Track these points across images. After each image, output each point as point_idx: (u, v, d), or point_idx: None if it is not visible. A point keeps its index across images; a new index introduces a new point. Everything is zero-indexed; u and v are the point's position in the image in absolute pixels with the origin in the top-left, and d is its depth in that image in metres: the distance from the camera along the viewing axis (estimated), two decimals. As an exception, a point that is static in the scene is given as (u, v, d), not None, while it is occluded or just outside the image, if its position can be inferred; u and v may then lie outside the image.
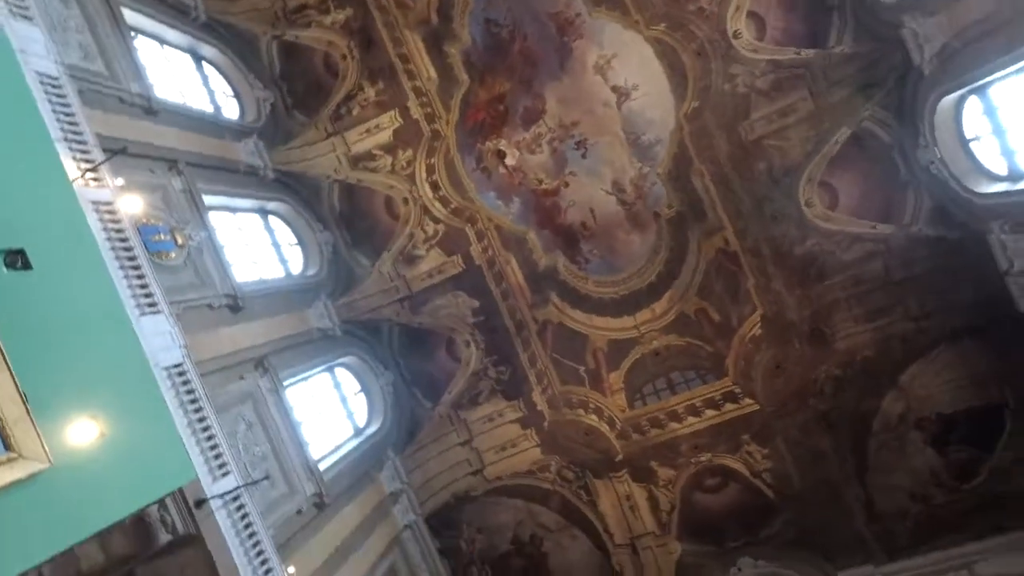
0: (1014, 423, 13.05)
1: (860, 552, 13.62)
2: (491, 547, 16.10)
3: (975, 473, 13.41)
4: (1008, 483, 13.04)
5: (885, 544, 13.59)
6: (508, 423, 15.86)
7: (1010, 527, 12.56)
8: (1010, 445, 13.07)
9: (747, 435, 14.84)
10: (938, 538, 13.19)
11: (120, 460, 6.02)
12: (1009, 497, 12.93)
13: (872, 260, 13.52)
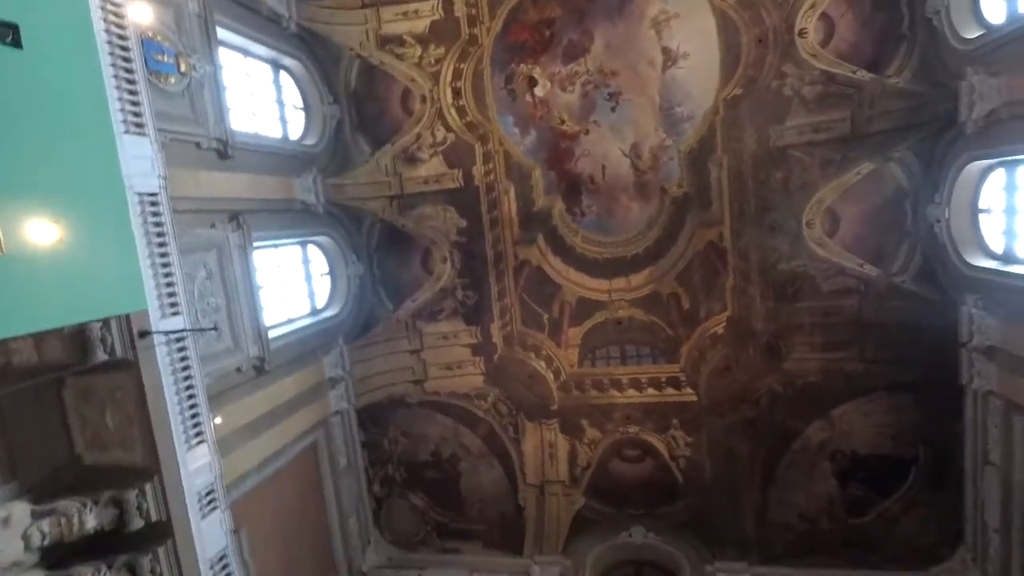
0: (916, 479, 13.94)
1: (740, 550, 14.67)
2: (411, 453, 16.77)
3: (865, 512, 14.41)
4: (890, 530, 14.08)
5: (763, 549, 14.65)
6: (460, 346, 16.15)
7: (876, 566, 13.66)
8: (904, 497, 14.02)
9: (677, 421, 15.50)
10: (810, 556, 14.27)
11: (73, 271, 5.93)
12: (886, 542, 14.00)
13: (848, 296, 13.80)
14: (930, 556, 13.41)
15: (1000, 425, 11.60)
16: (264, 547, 11.88)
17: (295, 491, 13.47)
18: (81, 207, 6.09)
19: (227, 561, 9.11)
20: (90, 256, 6.20)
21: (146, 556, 8.29)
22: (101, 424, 8.51)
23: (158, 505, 8.22)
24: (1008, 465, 11.44)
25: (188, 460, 8.50)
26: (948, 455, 13.17)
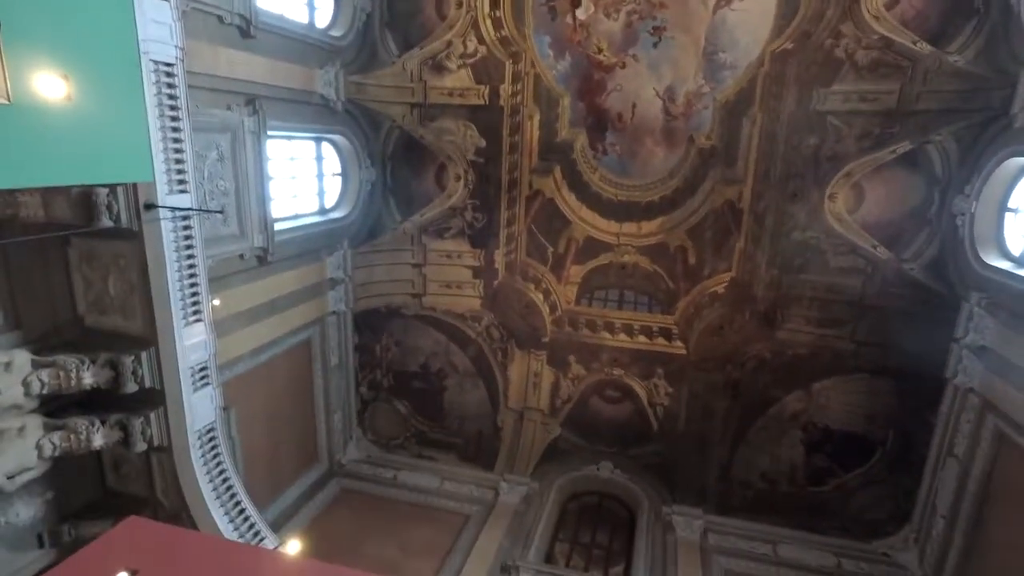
0: (879, 460, 14.43)
1: (698, 498, 15.40)
2: (401, 362, 17.28)
3: (823, 482, 15.02)
4: (844, 502, 14.73)
5: (721, 501, 15.38)
6: (462, 267, 16.24)
7: (823, 532, 14.39)
8: (864, 474, 14.57)
9: (662, 370, 15.84)
10: (764, 514, 15.00)
11: (80, 130, 5.86)
12: (838, 512, 14.68)
13: (854, 276, 13.71)
14: (875, 530, 14.11)
15: (972, 422, 11.85)
16: (251, 428, 12.50)
17: (285, 381, 13.99)
18: (92, 66, 5.93)
19: (214, 435, 9.60)
20: (99, 118, 6.10)
21: (138, 418, 8.74)
22: (103, 289, 8.72)
23: (152, 373, 8.57)
24: (970, 460, 11.79)
25: (184, 335, 8.77)
26: (914, 442, 13.56)
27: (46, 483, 8.99)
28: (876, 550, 13.81)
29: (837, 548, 13.93)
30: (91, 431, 8.32)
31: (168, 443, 8.96)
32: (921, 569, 12.95)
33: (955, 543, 12.05)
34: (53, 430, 8.12)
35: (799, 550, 13.94)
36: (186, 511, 9.24)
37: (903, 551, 13.52)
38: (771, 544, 14.16)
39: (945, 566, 12.25)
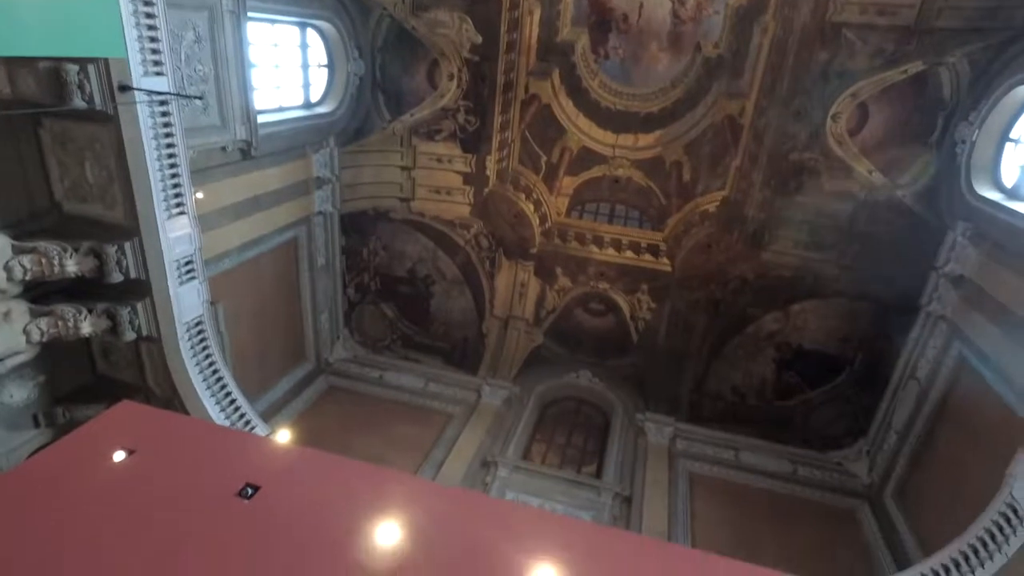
0: (845, 380, 15.16)
1: (671, 407, 16.20)
2: (388, 266, 17.29)
3: (790, 397, 15.83)
4: (807, 416, 15.60)
5: (692, 411, 16.21)
6: (453, 172, 15.86)
7: (783, 442, 15.36)
8: (829, 392, 15.35)
9: (646, 286, 16.09)
10: (730, 424, 15.90)
11: None
12: (799, 425, 15.59)
13: (846, 201, 13.68)
14: (832, 443, 15.10)
15: (938, 348, 12.37)
16: (238, 323, 12.63)
17: (272, 279, 13.98)
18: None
19: (203, 327, 9.69)
20: (64, -17, 5.58)
21: (125, 308, 8.74)
22: (80, 175, 8.40)
23: (137, 264, 8.47)
24: (930, 382, 12.43)
25: (168, 228, 8.60)
26: (880, 364, 14.21)
27: (37, 367, 9.12)
28: (830, 460, 14.85)
29: (794, 456, 14.95)
30: (78, 318, 8.33)
31: (157, 334, 9.04)
32: (869, 477, 14.02)
33: (903, 456, 12.97)
34: (40, 316, 8.12)
35: (759, 457, 14.94)
36: (177, 399, 9.50)
37: (855, 462, 14.56)
38: (734, 451, 15.14)
39: (891, 476, 13.26)
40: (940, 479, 11.67)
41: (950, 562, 8.17)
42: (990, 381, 10.56)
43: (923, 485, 12.26)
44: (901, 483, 12.95)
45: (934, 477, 11.93)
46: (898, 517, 12.53)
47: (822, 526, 13.01)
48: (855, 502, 13.72)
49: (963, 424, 11.36)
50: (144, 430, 4.11)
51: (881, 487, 13.49)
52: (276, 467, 3.87)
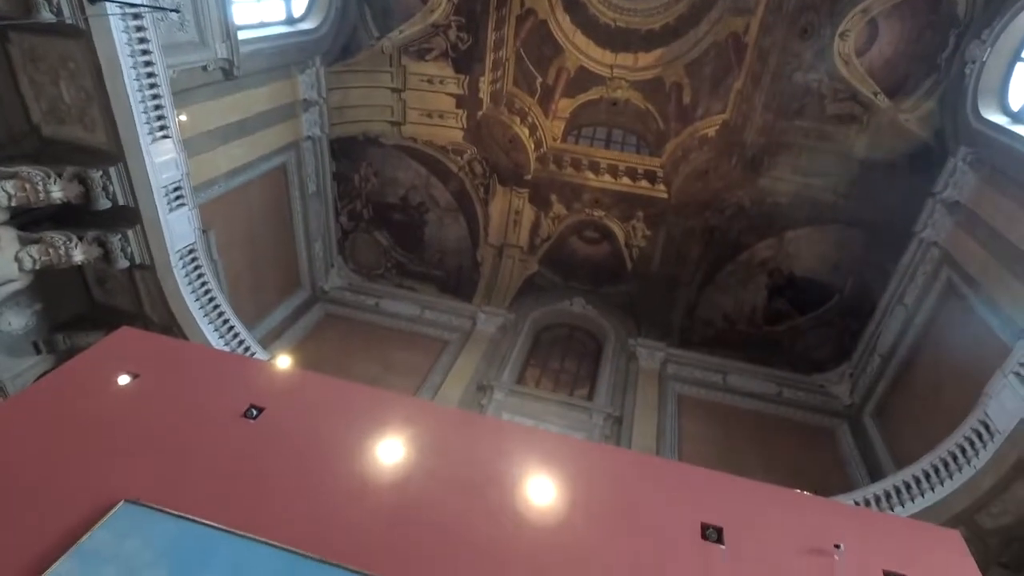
0: (835, 306, 15.42)
1: (662, 333, 16.55)
2: (380, 193, 17.00)
3: (779, 323, 16.16)
4: (794, 341, 15.99)
5: (683, 336, 16.57)
6: (445, 94, 15.28)
7: (770, 365, 15.83)
8: (818, 317, 15.66)
9: (642, 213, 15.98)
10: (719, 348, 16.32)
11: None
12: (786, 349, 16.01)
13: (848, 124, 13.37)
14: (817, 366, 15.59)
15: (928, 274, 12.54)
16: (231, 251, 12.54)
17: (263, 206, 13.76)
18: None
19: (196, 255, 9.63)
20: None
21: (116, 236, 8.64)
22: (57, 96, 8.04)
23: (124, 190, 8.29)
24: (916, 308, 12.69)
25: (153, 152, 8.35)
26: (870, 290, 14.42)
27: (34, 295, 9.12)
28: (814, 382, 15.38)
29: (780, 379, 15.47)
30: (69, 246, 8.24)
31: (150, 261, 8.99)
32: (850, 399, 14.59)
33: (885, 379, 13.44)
34: (30, 244, 8.02)
35: (746, 380, 15.45)
36: (176, 326, 9.60)
37: (837, 384, 15.09)
38: (722, 374, 15.62)
39: (871, 397, 13.80)
40: (918, 400, 12.16)
41: (921, 474, 8.67)
42: (975, 306, 10.79)
43: (901, 406, 12.79)
44: (880, 404, 13.50)
45: (913, 399, 12.43)
46: (875, 435, 13.16)
47: (802, 443, 13.67)
48: (835, 421, 14.36)
49: (945, 348, 11.71)
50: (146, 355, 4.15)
51: (861, 407, 14.08)
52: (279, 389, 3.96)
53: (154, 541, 2.19)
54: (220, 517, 2.30)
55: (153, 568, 2.10)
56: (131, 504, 2.31)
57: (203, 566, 2.12)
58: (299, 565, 2.15)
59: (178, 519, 2.29)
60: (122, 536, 2.20)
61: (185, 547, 2.18)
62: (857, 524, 2.82)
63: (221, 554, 2.17)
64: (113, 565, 2.09)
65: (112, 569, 2.07)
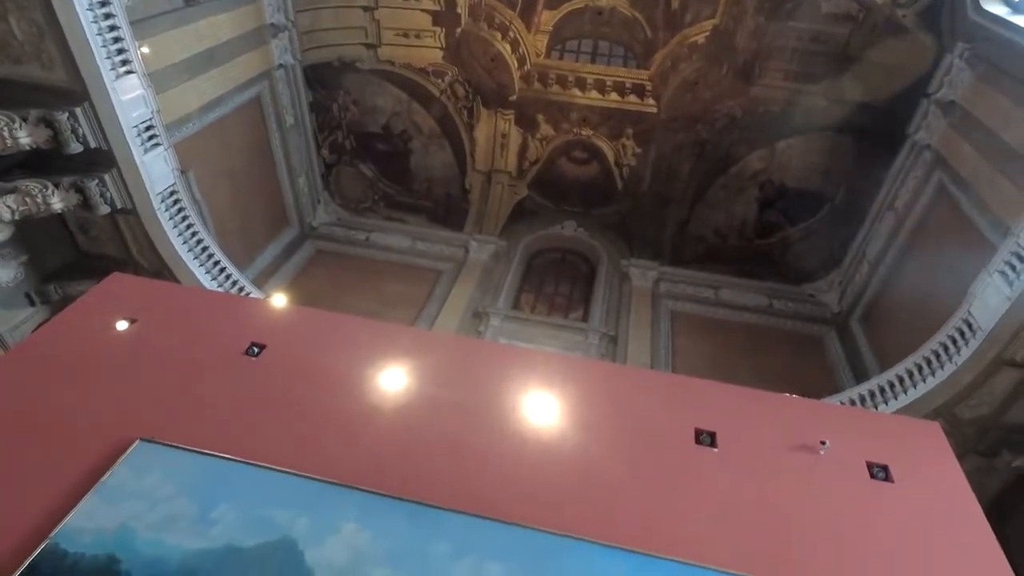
0: (825, 215, 15.45)
1: (654, 252, 16.62)
2: (361, 123, 16.44)
3: (770, 235, 16.23)
4: (784, 252, 16.13)
5: (675, 254, 16.66)
6: (420, 11, 14.44)
7: (761, 278, 16.05)
8: (809, 227, 15.73)
9: (631, 130, 15.60)
10: (711, 263, 16.47)
11: None
12: (777, 261, 16.18)
13: (843, 24, 12.83)
14: (807, 276, 15.82)
15: (919, 178, 12.48)
16: (214, 191, 12.26)
17: (242, 143, 13.32)
18: None
19: (178, 196, 9.42)
20: None
21: (93, 181, 8.40)
22: (7, 32, 7.53)
23: (94, 131, 7.97)
24: (906, 213, 12.73)
25: (119, 89, 7.96)
26: (860, 197, 14.39)
27: (18, 247, 8.98)
28: (804, 292, 15.67)
29: (770, 291, 15.73)
30: (46, 194, 8.02)
31: (131, 205, 8.79)
32: (838, 306, 14.93)
33: (872, 286, 13.70)
34: (5, 193, 7.80)
35: (737, 293, 15.71)
36: (167, 270, 9.54)
37: (827, 293, 15.39)
38: (714, 289, 15.86)
39: (859, 304, 14.12)
40: (905, 305, 12.45)
41: (904, 373, 9.03)
42: (965, 208, 10.83)
43: (888, 311, 13.11)
44: (867, 310, 13.83)
45: (899, 304, 12.72)
46: (862, 340, 13.58)
47: (792, 352, 14.11)
48: (823, 329, 14.76)
49: (933, 252, 11.86)
50: (140, 300, 4.14)
51: (849, 314, 14.43)
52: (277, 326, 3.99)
53: (172, 475, 2.28)
54: (232, 449, 2.38)
55: (174, 500, 2.19)
56: (146, 442, 2.38)
57: (221, 495, 2.22)
58: (311, 488, 2.25)
59: (192, 453, 2.37)
60: (141, 472, 2.28)
61: (202, 479, 2.28)
62: (842, 421, 2.96)
63: (237, 483, 2.27)
64: (135, 499, 2.18)
65: (135, 503, 2.16)
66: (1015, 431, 8.46)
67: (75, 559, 1.96)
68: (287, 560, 2.03)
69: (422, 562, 2.05)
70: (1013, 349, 7.76)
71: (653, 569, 2.06)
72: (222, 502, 2.17)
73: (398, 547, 2.09)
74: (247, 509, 2.15)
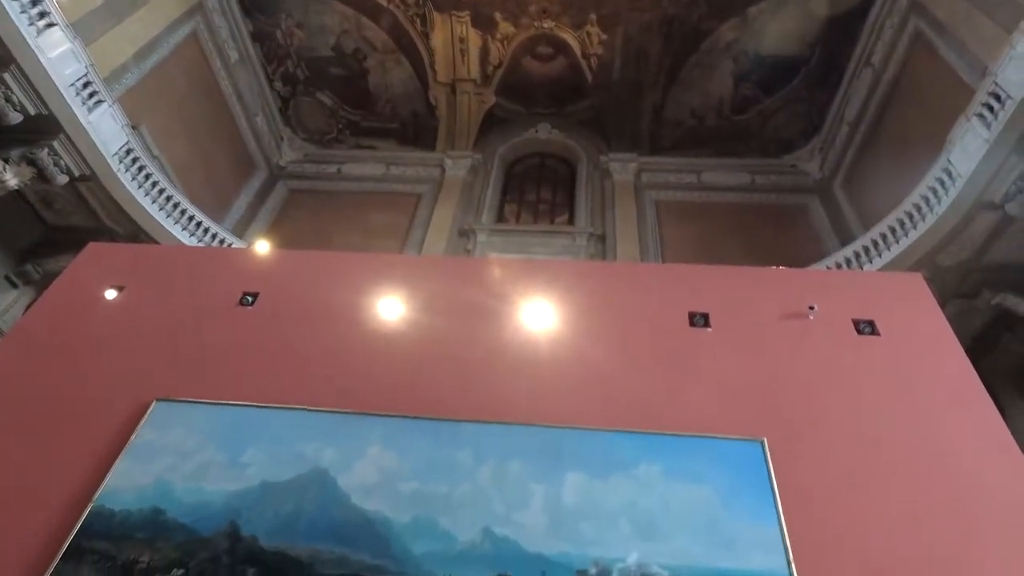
0: (801, 81, 15.03)
1: (632, 143, 16.31)
2: (310, 47, 15.46)
3: (747, 110, 15.88)
4: (763, 125, 15.87)
5: (653, 142, 16.38)
6: (350, -90, 13.17)
7: (742, 155, 15.90)
8: (786, 95, 15.37)
9: (595, 16, 14.77)
10: (690, 147, 16.24)
11: None
12: (757, 135, 15.95)
13: None
14: (787, 146, 15.68)
15: (895, 27, 12.06)
16: (170, 144, 11.74)
17: (189, 87, 12.59)
18: None
19: (136, 155, 9.03)
20: None
21: (42, 150, 8.00)
22: (-97, -1, 6.86)
23: (29, 96, 7.49)
24: (883, 67, 12.42)
25: (44, 47, 7.39)
26: (836, 58, 13.96)
27: (-19, 230, 8.72)
28: (785, 164, 15.60)
29: (752, 167, 15.65)
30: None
31: (90, 171, 8.45)
32: (820, 173, 14.93)
33: (852, 147, 13.63)
34: (-48, 177, 7.45)
35: (719, 175, 15.62)
36: (143, 232, 9.34)
37: (808, 161, 15.32)
38: (696, 173, 15.74)
39: (840, 168, 14.11)
40: (886, 164, 12.45)
41: (887, 230, 9.20)
42: (943, 53, 10.56)
43: (869, 172, 13.13)
44: (849, 173, 13.85)
45: (880, 162, 12.71)
46: (845, 204, 13.71)
47: (778, 225, 14.27)
48: (807, 198, 14.84)
49: (912, 103, 11.70)
50: (123, 266, 4.08)
51: (831, 180, 14.46)
52: (266, 273, 3.96)
53: (195, 429, 2.36)
54: (248, 396, 2.46)
55: (203, 450, 2.28)
56: (163, 401, 2.45)
57: (247, 440, 2.31)
58: (331, 421, 2.35)
59: (210, 406, 2.44)
60: (165, 430, 2.36)
61: (225, 428, 2.36)
62: (827, 285, 3.06)
63: (259, 427, 2.35)
64: (166, 455, 2.27)
65: (166, 458, 2.25)
66: (994, 270, 8.77)
67: (123, 515, 2.07)
68: (322, 487, 2.16)
69: (448, 471, 2.19)
70: (992, 191, 7.88)
71: (659, 444, 2.21)
72: (249, 446, 2.27)
73: (422, 462, 2.21)
74: (274, 448, 2.26)
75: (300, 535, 2.01)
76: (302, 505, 2.10)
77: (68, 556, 1.95)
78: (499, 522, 2.03)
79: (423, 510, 2.07)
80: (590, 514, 2.04)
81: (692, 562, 1.91)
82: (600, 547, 1.96)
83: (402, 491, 2.12)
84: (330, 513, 2.08)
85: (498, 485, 2.13)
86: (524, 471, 2.17)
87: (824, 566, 1.87)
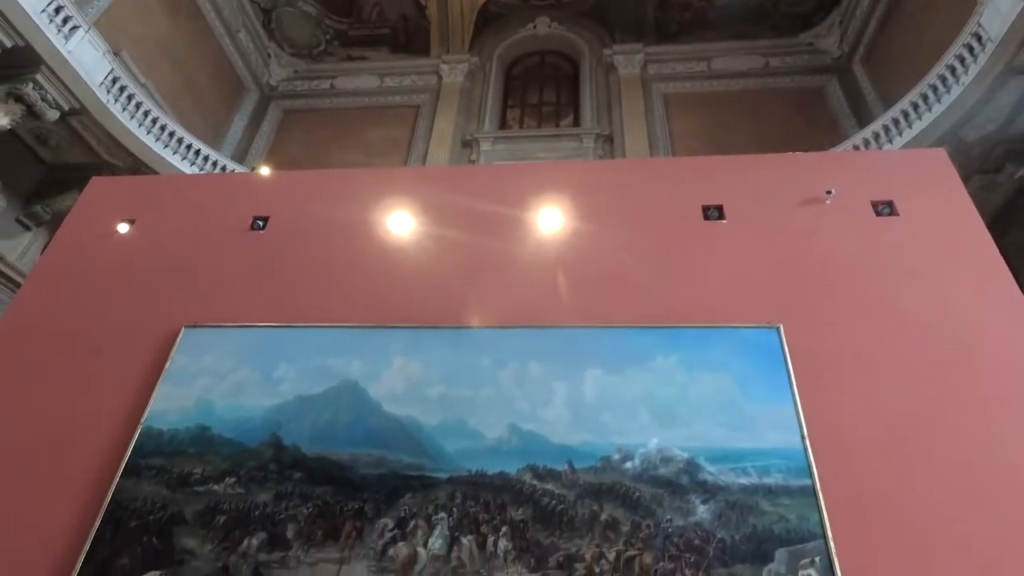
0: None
1: (637, 32, 15.33)
2: (285, -51, 14.34)
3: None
4: (776, 1, 14.70)
5: (659, 30, 15.37)
6: None
7: (756, 37, 14.89)
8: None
9: None
10: (699, 32, 15.23)
11: None
12: (768, 13, 14.83)
13: None
14: (803, 22, 14.64)
15: None
16: (154, 70, 11.29)
17: (163, 7, 11.88)
18: None
19: (123, 83, 8.72)
20: None
21: (27, 85, 7.75)
22: None
23: (1, 27, 7.14)
24: (913, -79, 11.26)
25: (5, -29, 6.94)
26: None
27: (-18, 175, 8.67)
28: (802, 42, 14.63)
29: (766, 49, 14.72)
30: (-16, 112, 7.49)
31: (79, 103, 8.21)
32: (839, 50, 14.02)
33: (875, 18, 12.67)
34: (-58, 122, 7.31)
35: (731, 60, 14.75)
36: (143, 165, 9.21)
37: (826, 37, 14.35)
38: (706, 61, 14.87)
39: (861, 43, 13.21)
40: (909, 35, 11.63)
41: (908, 106, 8.77)
42: (979, -100, 9.49)
43: (892, 45, 12.30)
44: (870, 47, 12.99)
45: (903, 33, 11.87)
46: (865, 82, 12.98)
47: (793, 110, 13.63)
48: (824, 78, 14.05)
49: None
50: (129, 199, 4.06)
51: (850, 56, 13.61)
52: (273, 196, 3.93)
53: (227, 351, 2.45)
54: (272, 317, 2.52)
55: (237, 371, 2.38)
56: (191, 328, 2.52)
57: (278, 358, 2.39)
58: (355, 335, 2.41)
59: (237, 329, 2.52)
60: (197, 355, 2.45)
61: (255, 348, 2.44)
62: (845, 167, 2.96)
63: (287, 345, 2.43)
64: (202, 377, 2.37)
65: (204, 380, 2.36)
66: (1020, 141, 8.42)
67: (171, 434, 2.21)
68: (354, 397, 2.27)
69: (472, 375, 2.27)
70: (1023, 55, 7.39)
71: (676, 337, 2.26)
72: (280, 363, 2.36)
73: (447, 368, 2.30)
74: (305, 364, 2.35)
75: (339, 442, 2.14)
76: (337, 415, 2.22)
77: (127, 473, 2.10)
78: (524, 418, 2.14)
79: (451, 413, 2.18)
80: (611, 406, 2.14)
81: (710, 444, 2.01)
82: (622, 435, 2.06)
83: (429, 396, 2.22)
84: (364, 420, 2.19)
85: (520, 386, 2.22)
86: (545, 371, 2.24)
87: (838, 441, 1.96)
